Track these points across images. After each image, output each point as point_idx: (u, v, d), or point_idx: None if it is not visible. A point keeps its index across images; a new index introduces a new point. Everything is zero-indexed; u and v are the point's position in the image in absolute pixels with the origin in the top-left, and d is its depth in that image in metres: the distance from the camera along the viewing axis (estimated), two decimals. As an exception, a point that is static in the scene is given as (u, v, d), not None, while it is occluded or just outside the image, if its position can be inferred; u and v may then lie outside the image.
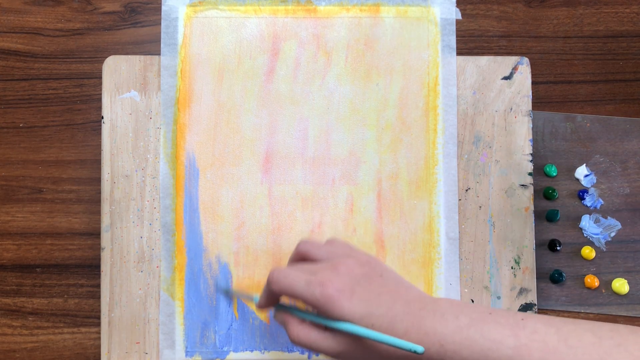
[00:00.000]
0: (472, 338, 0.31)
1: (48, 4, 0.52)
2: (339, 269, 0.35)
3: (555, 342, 0.30)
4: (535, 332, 0.30)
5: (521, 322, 0.31)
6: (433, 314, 0.33)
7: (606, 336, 0.29)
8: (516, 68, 0.50)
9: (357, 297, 0.34)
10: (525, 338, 0.30)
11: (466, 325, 0.32)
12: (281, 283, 0.35)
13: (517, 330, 0.31)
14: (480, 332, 0.31)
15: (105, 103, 0.49)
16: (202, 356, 0.48)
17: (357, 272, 0.35)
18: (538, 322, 0.31)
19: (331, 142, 0.49)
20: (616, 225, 0.50)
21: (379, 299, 0.34)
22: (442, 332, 0.32)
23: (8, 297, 0.50)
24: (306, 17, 0.50)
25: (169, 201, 0.48)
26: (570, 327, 0.31)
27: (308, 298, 0.34)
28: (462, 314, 0.32)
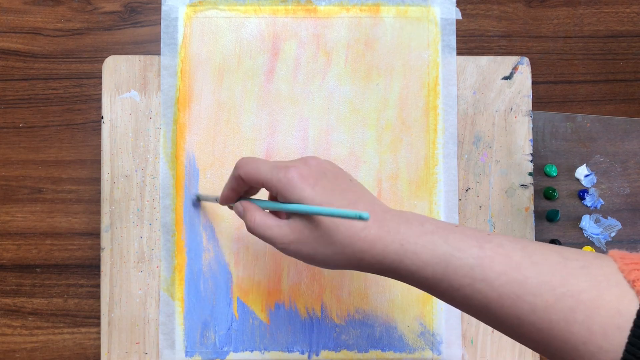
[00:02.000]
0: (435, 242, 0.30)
1: (48, 4, 0.52)
2: (309, 162, 0.34)
3: (520, 257, 0.29)
4: (501, 246, 0.30)
5: (487, 236, 0.30)
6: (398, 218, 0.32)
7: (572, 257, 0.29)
8: (516, 68, 0.50)
9: (320, 187, 0.33)
10: (490, 250, 0.29)
11: (430, 231, 0.31)
12: (247, 166, 0.35)
13: (482, 242, 0.30)
14: (445, 239, 0.30)
15: (105, 103, 0.49)
16: (202, 356, 0.48)
17: (327, 168, 0.34)
18: (505, 239, 0.30)
19: (331, 142, 0.49)
20: (616, 225, 0.50)
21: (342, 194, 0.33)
22: (404, 233, 0.31)
23: (8, 297, 0.50)
24: (306, 17, 0.50)
25: (169, 201, 0.48)
26: (536, 246, 0.30)
27: (271, 179, 0.33)
28: (427, 223, 0.32)
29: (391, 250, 0.31)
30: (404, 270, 0.31)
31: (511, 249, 0.29)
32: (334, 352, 0.48)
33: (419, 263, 0.30)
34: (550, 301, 0.27)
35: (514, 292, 0.28)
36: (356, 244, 0.31)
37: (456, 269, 0.30)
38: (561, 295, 0.27)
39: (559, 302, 0.27)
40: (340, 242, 0.32)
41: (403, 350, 0.48)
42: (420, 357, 0.48)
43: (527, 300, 0.28)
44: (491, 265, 0.29)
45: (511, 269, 0.29)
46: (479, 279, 0.29)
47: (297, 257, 0.34)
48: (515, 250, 0.29)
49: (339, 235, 0.32)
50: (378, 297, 0.48)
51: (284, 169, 0.33)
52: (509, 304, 0.28)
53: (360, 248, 0.31)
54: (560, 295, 0.27)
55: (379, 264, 0.31)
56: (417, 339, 0.48)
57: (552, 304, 0.27)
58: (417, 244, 0.30)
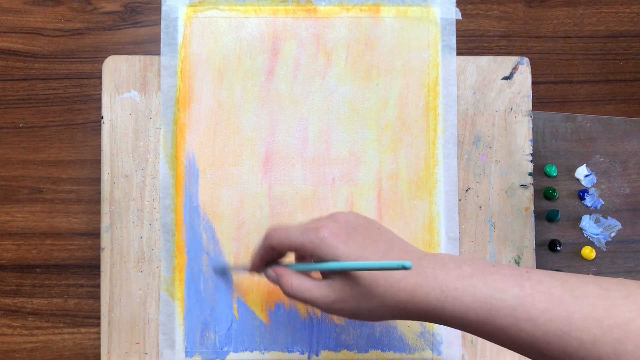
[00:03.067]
0: (475, 285, 0.30)
1: (48, 4, 0.52)
2: (336, 217, 0.34)
3: (561, 293, 0.29)
4: (541, 283, 0.30)
5: (526, 274, 0.30)
6: (434, 262, 0.32)
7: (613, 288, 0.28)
8: (516, 68, 0.50)
9: (352, 241, 0.33)
10: (530, 288, 0.29)
11: (469, 274, 0.31)
12: (277, 234, 0.35)
13: (521, 280, 0.30)
14: (484, 281, 0.30)
15: (105, 103, 0.49)
16: (202, 356, 0.48)
17: (354, 221, 0.34)
18: (543, 275, 0.30)
19: (331, 142, 0.49)
20: (616, 225, 0.50)
21: (375, 245, 0.33)
22: (443, 278, 0.31)
23: (8, 297, 0.50)
24: (306, 17, 0.50)
25: (168, 201, 0.48)
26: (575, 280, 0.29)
27: (303, 242, 0.33)
28: (464, 265, 0.31)
29: (432, 297, 0.31)
30: (447, 315, 0.31)
31: (551, 285, 0.29)
32: (334, 352, 0.48)
33: (461, 308, 0.30)
34: (597, 335, 0.27)
35: (559, 329, 0.28)
36: (397, 294, 0.31)
37: (498, 310, 0.29)
38: (608, 327, 0.27)
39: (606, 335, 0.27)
40: (382, 294, 0.32)
41: (403, 350, 0.48)
42: (420, 357, 0.48)
43: (574, 335, 0.28)
44: (533, 303, 0.29)
45: (554, 306, 0.29)
46: (523, 318, 0.29)
47: (341, 315, 0.34)
48: (555, 287, 0.29)
49: (379, 288, 0.32)
50: (378, 297, 0.48)
51: (315, 230, 0.33)
52: (556, 340, 0.28)
53: (402, 298, 0.31)
54: (607, 328, 0.27)
55: (423, 312, 0.31)
56: (417, 339, 0.48)
57: (599, 338, 0.27)
58: (457, 289, 0.30)
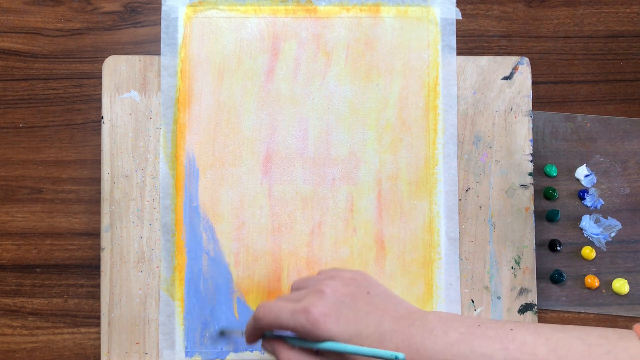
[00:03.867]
0: (463, 354, 0.31)
1: (48, 4, 0.52)
2: (324, 291, 0.35)
3: (545, 353, 0.30)
4: (525, 343, 0.30)
5: (510, 333, 0.31)
6: (422, 330, 0.33)
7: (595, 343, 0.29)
8: (516, 68, 0.50)
9: (344, 319, 0.33)
10: (515, 351, 0.30)
11: (456, 341, 0.32)
12: (267, 317, 0.35)
13: (506, 343, 0.31)
14: (470, 348, 0.31)
15: (105, 103, 0.49)
16: (202, 356, 0.48)
17: (342, 292, 0.35)
18: (527, 333, 0.31)
19: (331, 142, 0.49)
20: (616, 225, 0.50)
21: (366, 318, 0.34)
22: (432, 349, 0.32)
23: (8, 297, 0.50)
24: (306, 17, 0.50)
25: (169, 201, 0.48)
26: (559, 335, 0.31)
27: (295, 327, 0.34)
28: (451, 329, 0.32)
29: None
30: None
31: (535, 345, 0.30)
32: (334, 352, 0.48)
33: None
34: None
35: None
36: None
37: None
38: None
39: None
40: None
41: (403, 350, 0.48)
42: (420, 357, 0.48)
43: None
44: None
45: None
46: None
47: None
48: (539, 346, 0.30)
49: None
50: (378, 297, 0.48)
51: (304, 312, 0.33)
52: None
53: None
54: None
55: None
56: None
57: None
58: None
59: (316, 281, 0.37)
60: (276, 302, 0.36)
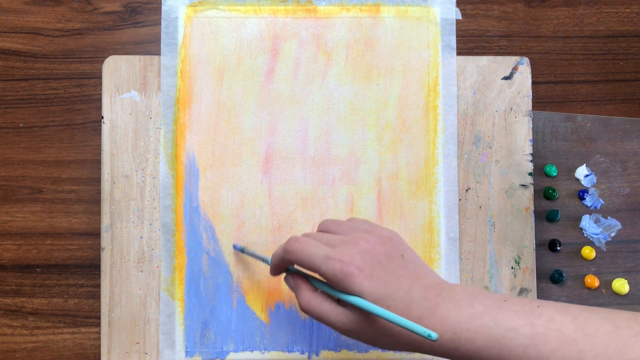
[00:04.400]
0: (487, 326, 0.31)
1: (48, 4, 0.52)
2: (360, 244, 0.34)
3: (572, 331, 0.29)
4: (552, 320, 0.30)
5: (537, 309, 0.31)
6: (448, 301, 0.32)
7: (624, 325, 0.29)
8: (516, 68, 0.50)
9: (376, 278, 0.33)
10: (541, 327, 0.30)
11: (480, 313, 0.31)
12: (299, 254, 0.34)
13: (532, 318, 0.30)
14: (495, 320, 0.31)
15: (105, 103, 0.49)
16: (202, 356, 0.48)
17: (378, 250, 0.34)
18: (554, 310, 0.30)
19: (331, 142, 0.49)
20: (616, 225, 0.50)
21: (397, 282, 0.33)
22: (455, 320, 0.31)
23: (8, 297, 0.50)
24: (306, 17, 0.50)
25: (169, 201, 0.48)
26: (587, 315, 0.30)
27: (326, 273, 0.33)
28: (476, 302, 0.32)
29: (446, 338, 0.31)
30: (459, 355, 0.31)
31: (562, 322, 0.30)
32: (334, 352, 0.48)
33: (473, 348, 0.31)
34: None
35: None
36: (412, 336, 0.32)
37: (510, 350, 0.30)
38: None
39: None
40: (397, 334, 0.33)
41: (403, 350, 0.48)
42: (420, 357, 0.48)
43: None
44: (545, 342, 0.29)
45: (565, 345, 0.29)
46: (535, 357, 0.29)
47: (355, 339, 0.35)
48: (567, 324, 0.30)
49: (396, 328, 0.32)
50: (378, 297, 0.48)
51: (339, 262, 0.33)
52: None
53: (417, 339, 0.32)
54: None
55: (436, 351, 0.32)
56: (417, 339, 0.48)
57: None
58: (469, 331, 0.31)
59: (352, 229, 0.36)
60: (309, 240, 0.35)
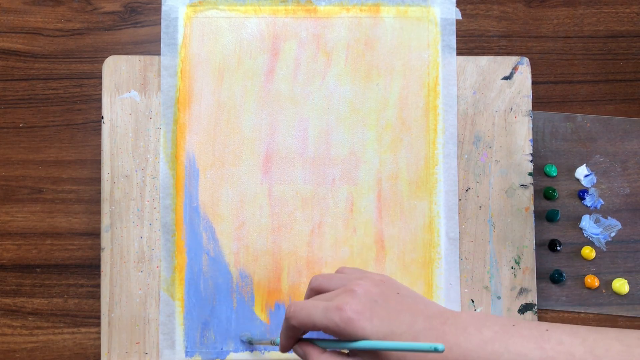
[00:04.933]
0: (497, 352, 0.30)
1: (48, 4, 0.52)
2: (355, 291, 0.34)
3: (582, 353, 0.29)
4: (561, 343, 0.30)
5: (546, 333, 0.31)
6: (455, 328, 0.32)
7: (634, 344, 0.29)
8: (516, 68, 0.50)
9: (377, 317, 0.33)
10: (551, 350, 0.30)
11: (490, 340, 0.31)
12: (299, 316, 0.35)
13: (541, 342, 0.30)
14: (505, 346, 0.30)
15: (105, 103, 0.49)
16: (202, 356, 0.48)
17: (374, 292, 0.34)
18: (563, 333, 0.30)
19: (331, 142, 0.49)
20: (616, 225, 0.50)
21: (399, 317, 0.33)
22: (465, 347, 0.31)
23: (8, 297, 0.50)
24: (306, 17, 0.50)
25: (169, 201, 0.48)
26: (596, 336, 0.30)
27: (328, 325, 0.33)
28: (484, 327, 0.32)
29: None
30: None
31: (571, 345, 0.29)
32: (334, 352, 0.48)
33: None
34: None
35: None
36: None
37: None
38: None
39: None
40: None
41: (403, 350, 0.48)
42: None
43: None
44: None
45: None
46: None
47: None
48: (576, 345, 0.29)
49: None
50: (378, 297, 0.48)
51: (337, 310, 0.33)
52: None
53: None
54: None
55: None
56: (417, 339, 0.48)
57: None
58: (480, 358, 0.31)
59: (344, 280, 0.37)
60: (307, 301, 0.35)
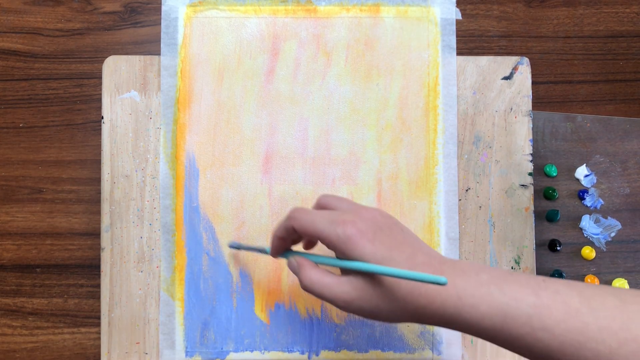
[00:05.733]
0: (492, 294, 0.30)
1: (48, 4, 0.52)
2: (363, 214, 0.34)
3: (578, 303, 0.29)
4: (557, 292, 0.30)
5: (542, 283, 0.31)
6: (453, 269, 0.32)
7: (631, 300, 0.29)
8: (516, 68, 0.50)
9: (379, 241, 0.32)
10: (546, 298, 0.29)
11: (486, 282, 0.31)
12: (302, 219, 0.34)
13: (538, 290, 0.30)
14: (500, 289, 0.30)
15: (105, 103, 0.49)
16: (202, 356, 0.48)
17: (380, 220, 0.34)
18: (560, 285, 0.30)
19: (331, 142, 0.49)
20: (616, 225, 0.50)
21: (400, 247, 0.33)
22: (461, 285, 0.31)
23: (8, 297, 0.50)
24: (306, 17, 0.50)
25: (169, 201, 0.48)
26: (593, 291, 0.30)
27: (329, 236, 0.33)
28: (482, 272, 0.32)
29: (449, 304, 0.31)
30: (462, 322, 0.31)
31: (568, 296, 0.29)
32: (334, 352, 0.48)
33: (477, 315, 0.30)
34: (613, 347, 0.27)
35: (575, 340, 0.28)
36: (417, 299, 0.31)
37: (514, 318, 0.30)
38: (624, 340, 0.27)
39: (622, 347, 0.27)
40: (403, 298, 0.32)
41: (403, 350, 0.48)
42: (420, 357, 0.48)
43: (590, 347, 0.28)
44: (549, 313, 0.29)
45: (570, 316, 0.29)
46: (539, 327, 0.29)
47: (357, 313, 0.33)
48: (572, 297, 0.29)
49: (401, 291, 0.32)
50: (378, 297, 0.48)
51: (342, 224, 0.32)
52: (571, 351, 0.28)
53: (421, 303, 0.31)
54: (623, 340, 0.27)
55: (438, 317, 0.32)
56: (417, 338, 0.48)
57: (615, 350, 0.27)
58: (474, 297, 0.30)
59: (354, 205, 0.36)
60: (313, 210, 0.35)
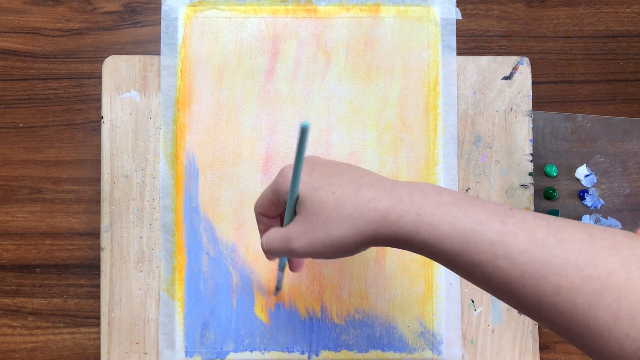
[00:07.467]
0: (455, 214, 0.28)
1: (48, 4, 0.52)
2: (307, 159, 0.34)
3: (545, 234, 0.27)
4: (524, 221, 0.28)
5: (509, 211, 0.28)
6: (409, 187, 0.30)
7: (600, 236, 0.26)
8: (516, 68, 0.50)
9: (316, 173, 0.32)
10: (512, 225, 0.27)
11: (449, 202, 0.29)
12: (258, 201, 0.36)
13: (504, 217, 0.28)
14: (464, 211, 0.28)
15: (105, 103, 0.49)
16: (202, 356, 0.48)
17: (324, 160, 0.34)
18: (528, 214, 0.28)
19: (331, 142, 0.49)
20: (616, 225, 0.50)
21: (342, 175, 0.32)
22: (420, 202, 0.29)
23: (8, 297, 0.50)
24: (306, 17, 0.50)
25: (168, 201, 0.48)
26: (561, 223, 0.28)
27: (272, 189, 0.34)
28: (444, 192, 0.30)
29: (407, 220, 0.29)
30: (420, 242, 0.29)
31: (535, 225, 0.27)
32: (334, 352, 0.48)
33: (436, 236, 0.28)
34: (575, 283, 0.25)
35: (537, 271, 0.26)
36: (367, 214, 0.30)
37: (477, 243, 0.27)
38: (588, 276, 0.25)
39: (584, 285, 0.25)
40: (351, 215, 0.30)
41: (403, 350, 0.48)
42: (420, 357, 0.48)
43: (551, 280, 0.26)
44: (514, 241, 0.27)
45: (535, 247, 0.26)
46: (501, 255, 0.27)
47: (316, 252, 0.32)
48: (540, 227, 0.27)
49: (347, 209, 0.30)
50: (378, 297, 0.48)
51: (279, 173, 0.33)
52: (532, 283, 0.26)
53: (372, 218, 0.30)
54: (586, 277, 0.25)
55: (394, 235, 0.30)
56: (417, 339, 0.48)
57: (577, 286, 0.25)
58: (434, 215, 0.28)
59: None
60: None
